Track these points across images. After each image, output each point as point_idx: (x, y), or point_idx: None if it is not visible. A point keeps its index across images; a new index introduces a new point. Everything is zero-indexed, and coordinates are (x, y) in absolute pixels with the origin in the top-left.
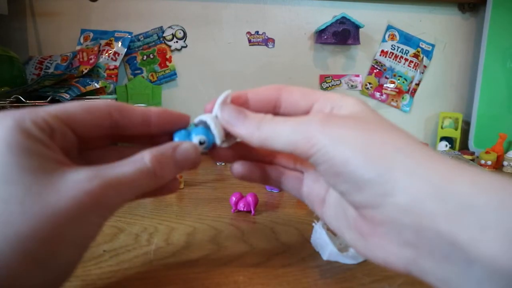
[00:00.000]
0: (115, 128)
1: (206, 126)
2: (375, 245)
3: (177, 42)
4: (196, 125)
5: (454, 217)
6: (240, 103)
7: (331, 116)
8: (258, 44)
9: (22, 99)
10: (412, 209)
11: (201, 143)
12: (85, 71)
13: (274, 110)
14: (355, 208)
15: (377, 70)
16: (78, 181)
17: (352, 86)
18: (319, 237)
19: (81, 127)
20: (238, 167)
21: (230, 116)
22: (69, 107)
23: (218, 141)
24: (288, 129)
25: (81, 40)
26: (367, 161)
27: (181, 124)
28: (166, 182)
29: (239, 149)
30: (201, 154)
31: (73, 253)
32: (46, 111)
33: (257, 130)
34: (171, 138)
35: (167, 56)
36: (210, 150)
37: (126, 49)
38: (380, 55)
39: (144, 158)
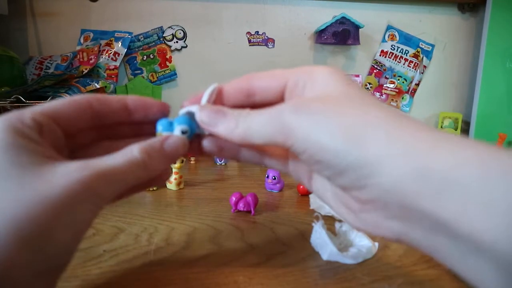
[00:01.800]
0: (96, 119)
1: (190, 115)
2: (365, 219)
3: (177, 42)
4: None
5: (435, 194)
6: (217, 98)
7: (301, 103)
8: (258, 44)
9: (22, 99)
10: (394, 189)
11: (183, 132)
12: (85, 71)
13: (249, 100)
14: (341, 189)
15: (377, 70)
16: (69, 171)
17: None
18: (319, 237)
19: (65, 121)
20: (209, 142)
21: (209, 117)
22: (53, 103)
23: (212, 123)
24: (262, 124)
25: (81, 40)
26: (344, 145)
27: (161, 110)
28: (156, 173)
29: (222, 141)
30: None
31: (68, 239)
32: (32, 110)
33: (235, 128)
34: (153, 127)
35: (167, 56)
36: (192, 141)
37: (126, 49)
38: (380, 55)
39: (133, 150)
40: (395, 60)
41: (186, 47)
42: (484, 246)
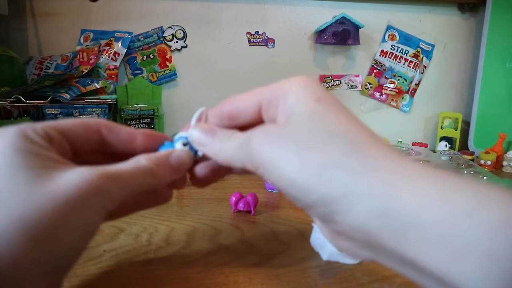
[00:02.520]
0: (103, 144)
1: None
2: (341, 246)
3: (177, 42)
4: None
5: (397, 234)
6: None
7: (266, 133)
8: (258, 44)
9: (22, 99)
10: (359, 227)
11: (184, 144)
12: (85, 71)
13: (233, 123)
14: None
15: (377, 70)
16: (78, 173)
17: (352, 86)
18: (319, 237)
19: (73, 139)
20: (201, 169)
21: (199, 136)
22: (64, 121)
23: (202, 141)
24: (235, 149)
25: (81, 40)
26: (308, 183)
27: (167, 137)
28: (162, 185)
29: (215, 166)
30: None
31: (75, 240)
32: (43, 123)
33: (219, 151)
34: None
35: (167, 56)
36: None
37: (126, 49)
38: (380, 55)
39: (140, 159)
40: (395, 60)
41: (186, 47)
42: (451, 284)
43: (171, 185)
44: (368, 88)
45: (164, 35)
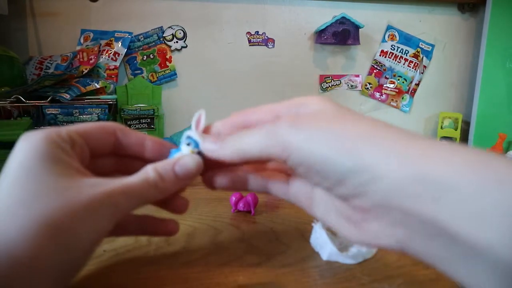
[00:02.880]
0: (117, 146)
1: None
2: (367, 229)
3: (177, 42)
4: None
5: (432, 199)
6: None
7: (297, 117)
8: (258, 44)
9: (22, 99)
10: (393, 193)
11: (188, 144)
12: (85, 71)
13: None
14: (342, 200)
15: (377, 70)
16: (96, 183)
17: (352, 86)
18: (319, 237)
19: (93, 141)
20: (221, 178)
21: (210, 146)
22: (84, 124)
23: (200, 142)
24: (260, 137)
25: (81, 40)
26: (341, 154)
27: (174, 146)
28: (170, 193)
29: (232, 174)
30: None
31: (88, 243)
32: (67, 127)
33: (234, 149)
34: None
35: (167, 56)
36: (205, 176)
37: (126, 49)
38: (380, 55)
39: (147, 171)
40: (395, 60)
41: (186, 47)
42: (481, 251)
43: (173, 209)
44: (368, 88)
45: (164, 35)
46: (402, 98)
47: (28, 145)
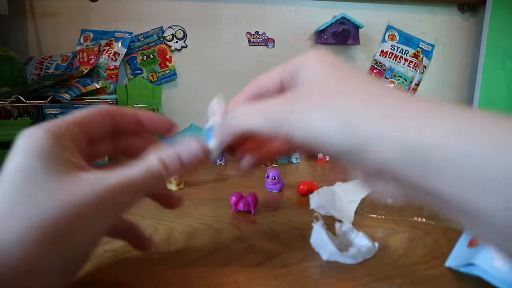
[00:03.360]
0: (114, 127)
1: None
2: (376, 186)
3: (177, 42)
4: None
5: (421, 170)
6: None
7: (295, 95)
8: (258, 44)
9: (22, 99)
10: (386, 166)
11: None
12: (85, 71)
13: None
14: None
15: (377, 70)
16: (96, 179)
17: None
18: (319, 237)
19: (91, 126)
20: (246, 161)
21: (220, 117)
22: (81, 112)
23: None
24: (260, 117)
25: (81, 40)
26: (337, 133)
27: (166, 126)
28: (174, 175)
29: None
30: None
31: (89, 240)
32: (66, 120)
33: (238, 129)
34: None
35: (167, 56)
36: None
37: (126, 49)
38: (380, 55)
39: (150, 161)
40: (395, 60)
41: (186, 47)
42: (474, 214)
43: (167, 205)
44: None
45: (164, 35)
46: None
47: (28, 143)
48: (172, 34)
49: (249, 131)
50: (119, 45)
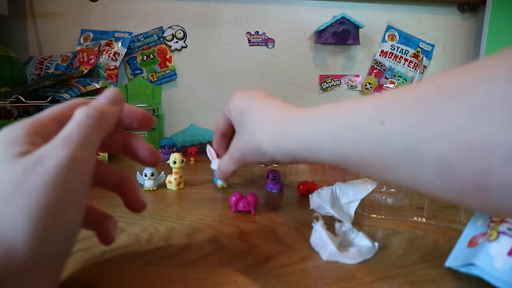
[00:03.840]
0: None
1: None
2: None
3: (177, 42)
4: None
5: (291, 158)
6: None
7: (239, 136)
8: (258, 44)
9: (22, 99)
10: (269, 152)
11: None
12: (85, 71)
13: (226, 140)
14: None
15: (377, 70)
16: (54, 150)
17: (352, 86)
18: (319, 237)
19: (66, 120)
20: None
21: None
22: (58, 106)
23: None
24: (235, 162)
25: (81, 40)
26: (269, 145)
27: (145, 120)
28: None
29: None
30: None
31: (72, 212)
32: (44, 115)
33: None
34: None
35: (167, 56)
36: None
37: (126, 49)
38: (380, 55)
39: (81, 110)
40: (395, 60)
41: (186, 47)
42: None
43: (134, 209)
44: (368, 88)
45: (164, 35)
46: None
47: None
48: (172, 34)
49: (235, 170)
50: (119, 45)
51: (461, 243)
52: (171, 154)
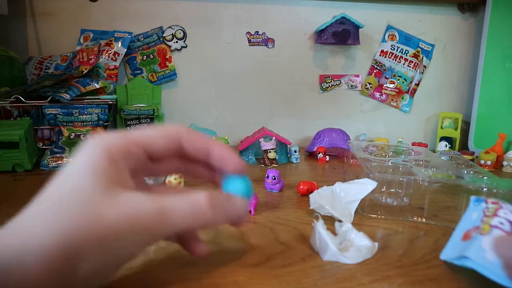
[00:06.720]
0: (181, 150)
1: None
2: None
3: (177, 42)
4: None
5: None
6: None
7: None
8: (258, 44)
9: (22, 99)
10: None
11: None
12: (85, 71)
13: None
14: None
15: (377, 70)
16: (132, 202)
17: (352, 86)
18: (319, 237)
19: (153, 149)
20: None
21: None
22: (146, 131)
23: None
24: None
25: (81, 40)
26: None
27: (236, 167)
28: (214, 226)
29: None
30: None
31: (106, 267)
32: (126, 136)
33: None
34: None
35: (167, 56)
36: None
37: (126, 49)
38: (380, 55)
39: (200, 200)
40: (395, 60)
41: (186, 47)
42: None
43: (193, 251)
44: (368, 88)
45: (164, 35)
46: (402, 98)
47: (85, 162)
48: (172, 34)
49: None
50: (119, 45)
51: (455, 237)
52: None
